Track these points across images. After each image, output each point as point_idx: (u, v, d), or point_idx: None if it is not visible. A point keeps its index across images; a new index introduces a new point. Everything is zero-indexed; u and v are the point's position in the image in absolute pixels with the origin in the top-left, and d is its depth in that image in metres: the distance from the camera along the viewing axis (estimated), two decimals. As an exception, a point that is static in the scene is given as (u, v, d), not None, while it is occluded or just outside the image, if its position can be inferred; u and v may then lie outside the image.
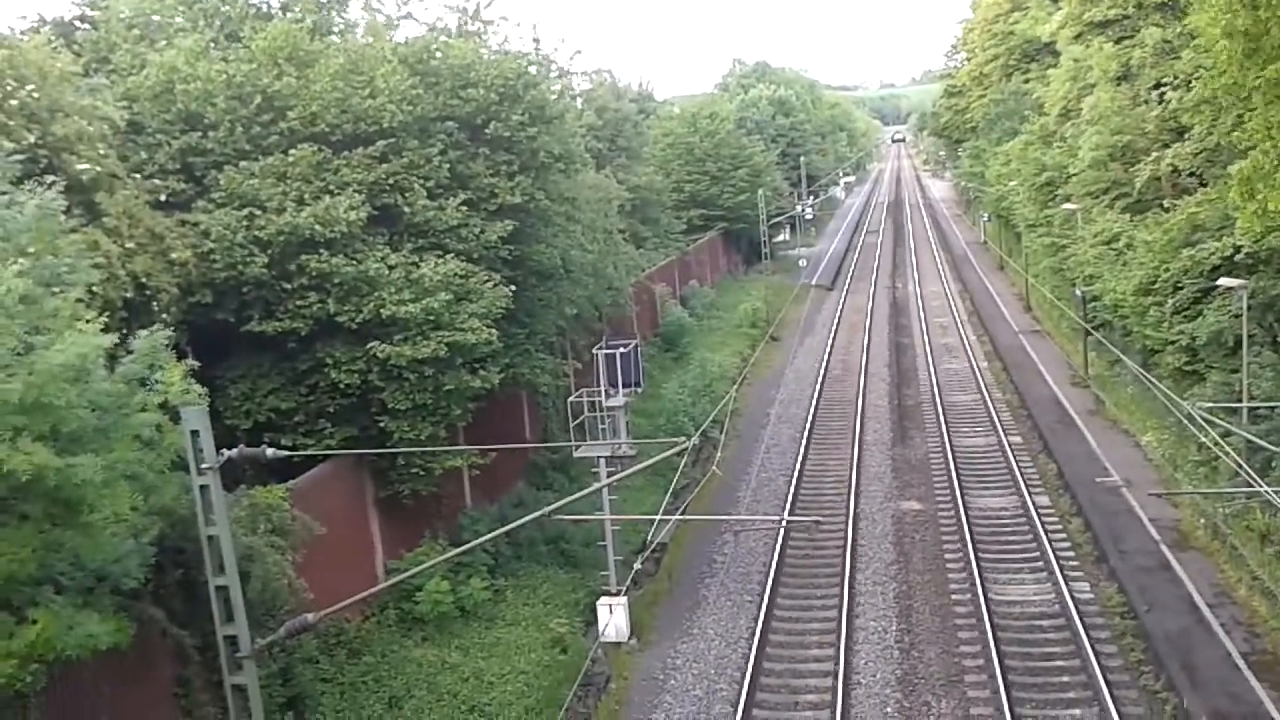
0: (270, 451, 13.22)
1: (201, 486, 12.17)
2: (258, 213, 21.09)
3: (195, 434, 11.99)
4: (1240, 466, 17.80)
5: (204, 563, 12.48)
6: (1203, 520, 26.31)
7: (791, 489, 31.86)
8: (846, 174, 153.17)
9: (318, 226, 21.02)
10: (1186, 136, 34.34)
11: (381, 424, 21.87)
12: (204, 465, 11.99)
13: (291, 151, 22.05)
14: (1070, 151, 44.83)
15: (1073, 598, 23.11)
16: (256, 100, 22.39)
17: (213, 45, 24.06)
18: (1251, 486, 18.15)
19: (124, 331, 14.97)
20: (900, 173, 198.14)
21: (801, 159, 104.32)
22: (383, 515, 23.23)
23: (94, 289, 14.70)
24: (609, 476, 22.71)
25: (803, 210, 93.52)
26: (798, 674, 21.34)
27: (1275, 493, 16.97)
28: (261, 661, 14.86)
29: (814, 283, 70.47)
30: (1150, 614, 22.03)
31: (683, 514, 26.91)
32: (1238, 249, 27.83)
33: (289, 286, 21.38)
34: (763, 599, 24.18)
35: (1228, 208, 27.60)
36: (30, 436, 10.89)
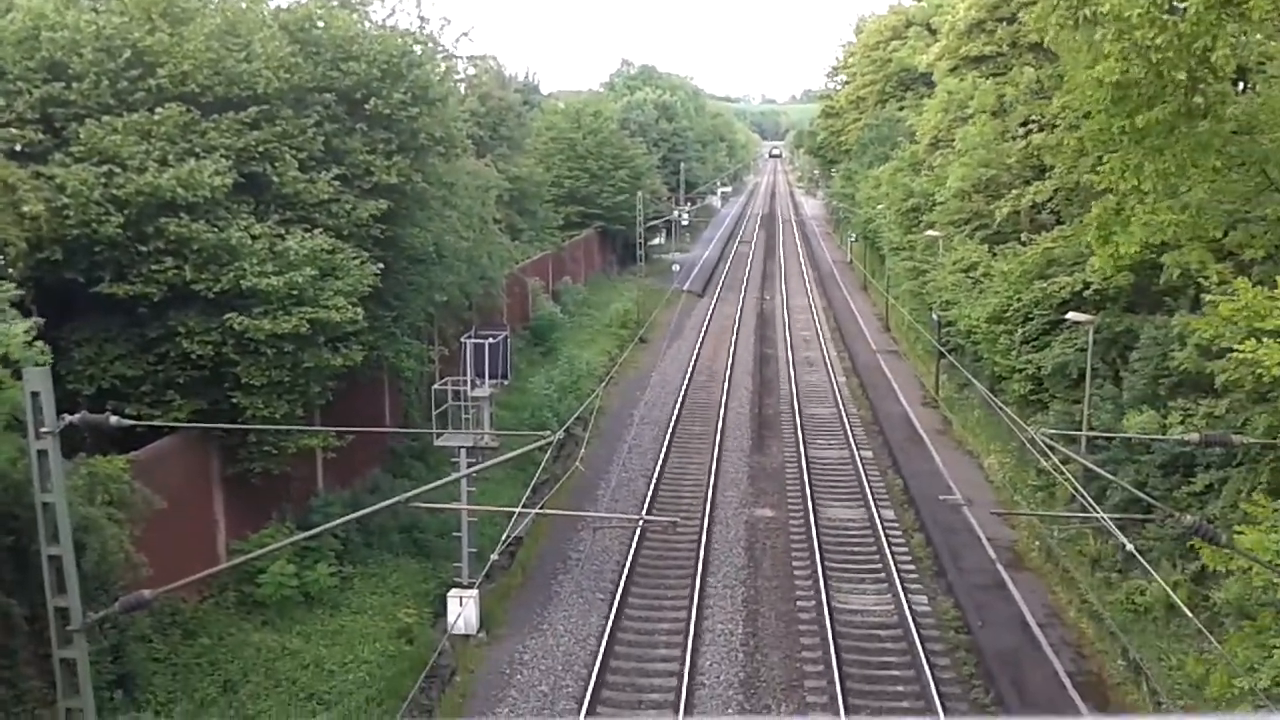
0: (115, 420, 12.62)
1: (39, 451, 11.57)
2: (118, 170, 20.13)
3: (36, 395, 11.36)
4: (1078, 492, 18.71)
5: (37, 530, 11.87)
6: (1038, 542, 27.54)
7: (650, 490, 32.12)
8: (724, 184, 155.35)
9: (180, 189, 20.17)
10: (1047, 175, 35.93)
11: (234, 399, 21.15)
12: (43, 429, 11.39)
13: (158, 110, 21.15)
14: (938, 180, 46.43)
15: (911, 610, 23.89)
16: (126, 54, 21.38)
17: (84, -7, 22.93)
18: (1087, 512, 19.09)
19: (-38, 283, 14.14)
20: (775, 187, 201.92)
21: (681, 165, 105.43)
22: (228, 493, 22.48)
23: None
24: (469, 467, 22.49)
25: (679, 216, 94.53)
26: (644, 673, 21.51)
27: (1109, 519, 17.90)
28: (93, 637, 14.19)
29: (685, 288, 71.20)
30: (984, 630, 22.95)
31: (541, 509, 26.83)
32: (1087, 285, 29.25)
33: (144, 249, 20.47)
34: (615, 597, 24.30)
35: (1081, 246, 28.99)
36: None
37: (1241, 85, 22.15)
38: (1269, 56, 19.99)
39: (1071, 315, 27.51)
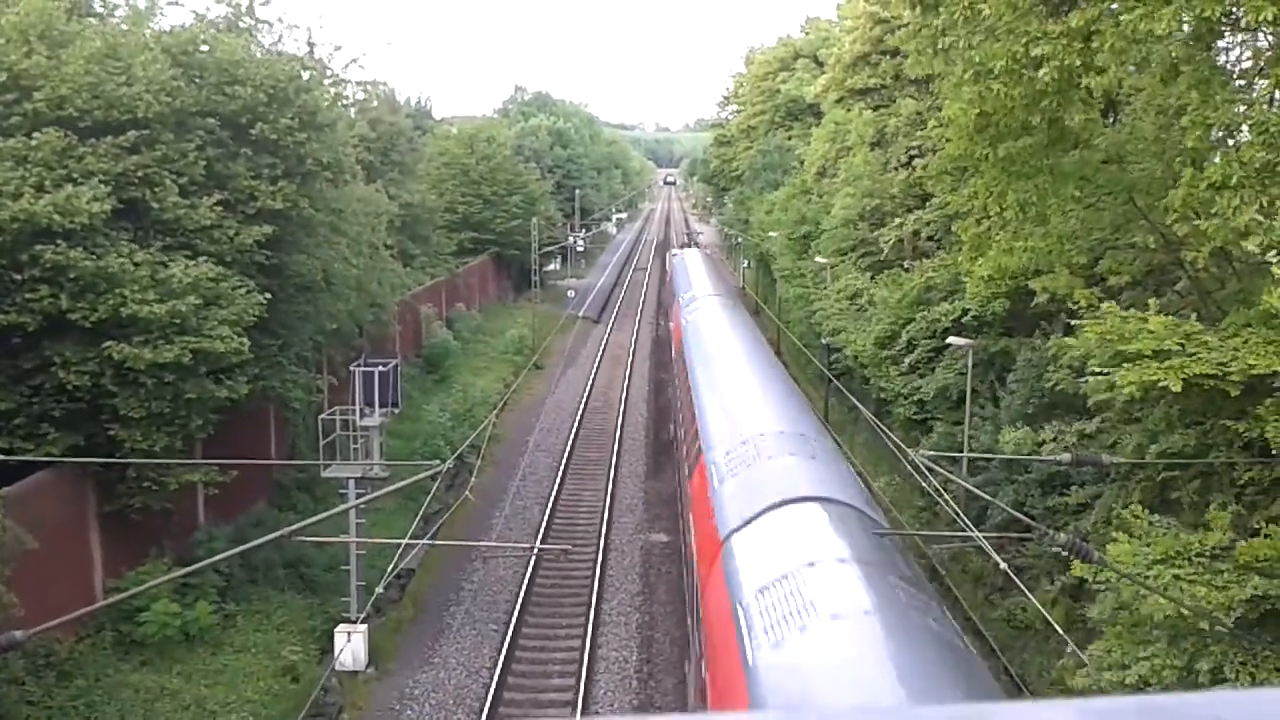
0: (-19, 455, 12.21)
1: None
2: (-10, 197, 19.47)
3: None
4: (955, 512, 19.24)
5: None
6: (921, 561, 28.19)
7: (545, 517, 32.00)
8: (619, 211, 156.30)
9: (56, 216, 19.58)
10: (928, 204, 37.07)
11: (111, 432, 20.50)
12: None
13: (35, 135, 20.54)
14: (825, 208, 47.50)
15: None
16: (1, 78, 20.76)
17: (-45, 17, 22.16)
18: (967, 532, 19.65)
19: None
20: (670, 214, 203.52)
21: (576, 191, 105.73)
22: (105, 530, 21.70)
23: None
24: (358, 498, 22.13)
25: (574, 242, 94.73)
26: (538, 704, 21.38)
27: (987, 539, 18.45)
28: (-47, 685, 13.60)
29: (581, 314, 71.28)
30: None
31: (432, 539, 26.51)
32: (965, 311, 30.23)
33: (19, 278, 19.82)
34: (508, 628, 24.13)
35: (957, 272, 29.99)
36: None
37: (1112, 117, 23.25)
38: (1137, 89, 21.01)
39: (951, 340, 28.34)
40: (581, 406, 46.99)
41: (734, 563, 13.58)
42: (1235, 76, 16.30)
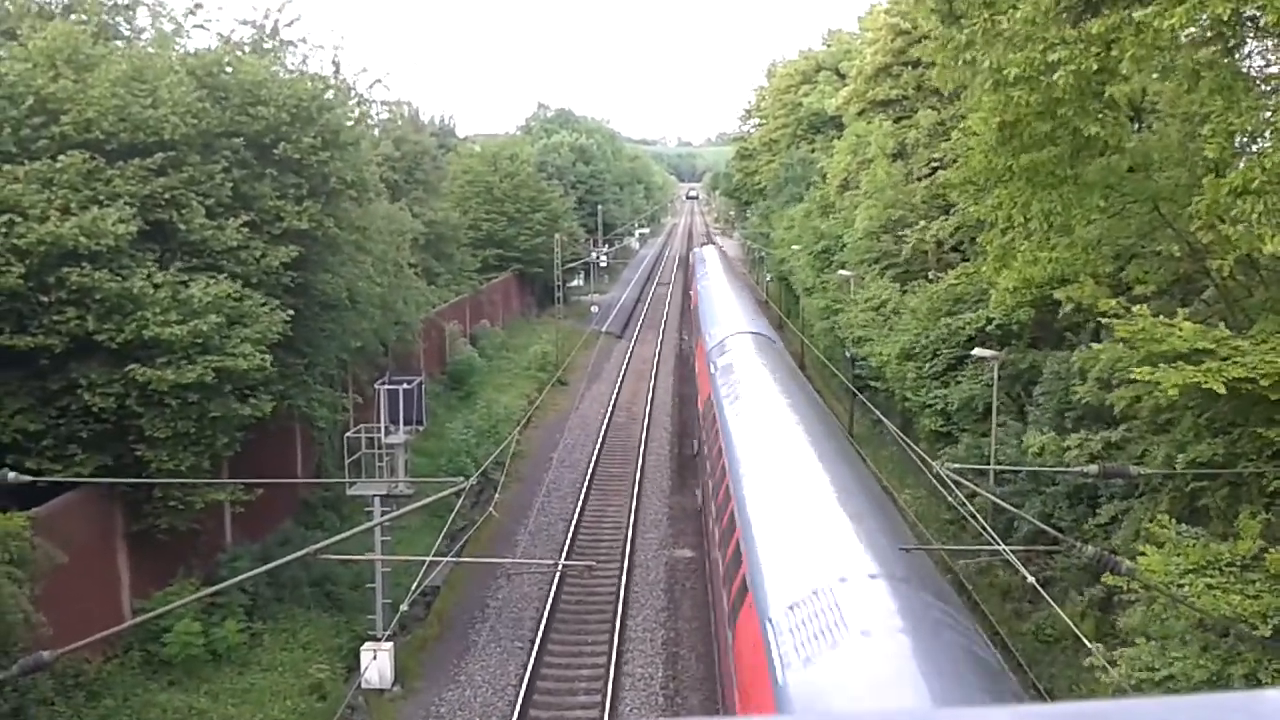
0: (13, 475, 12.36)
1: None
2: (18, 220, 19.66)
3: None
4: (981, 525, 19.05)
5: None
6: (949, 575, 27.93)
7: (570, 533, 31.98)
8: (642, 226, 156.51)
9: (82, 238, 19.78)
10: (951, 212, 36.90)
11: (138, 452, 20.63)
12: (-70, 489, 11.04)
13: (61, 157, 20.75)
14: (847, 222, 47.36)
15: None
16: (28, 101, 21.01)
17: (-17, 42, 22.51)
18: (994, 545, 19.43)
19: None
20: (693, 228, 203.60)
21: (599, 207, 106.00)
22: (133, 550, 21.84)
23: None
24: (383, 516, 22.18)
25: (597, 258, 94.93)
26: (564, 720, 21.34)
27: (1013, 552, 18.23)
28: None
29: (604, 330, 71.30)
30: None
31: (457, 556, 26.53)
32: (990, 320, 30.01)
33: (46, 300, 19.99)
34: (533, 645, 24.09)
35: (982, 282, 29.79)
36: None
37: (1138, 125, 23.09)
38: (1161, 96, 20.84)
39: (977, 351, 28.12)
40: (605, 422, 46.97)
41: (710, 353, 34.01)
42: (1260, 82, 16.16)
